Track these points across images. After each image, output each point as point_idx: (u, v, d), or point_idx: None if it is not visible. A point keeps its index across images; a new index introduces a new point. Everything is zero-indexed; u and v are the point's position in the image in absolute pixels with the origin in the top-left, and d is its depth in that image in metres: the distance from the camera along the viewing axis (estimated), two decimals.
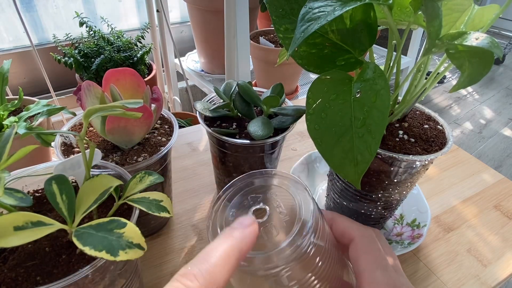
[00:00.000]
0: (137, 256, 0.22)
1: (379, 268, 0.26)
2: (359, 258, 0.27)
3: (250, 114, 0.42)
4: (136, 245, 0.22)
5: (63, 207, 0.24)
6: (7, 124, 0.50)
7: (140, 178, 0.29)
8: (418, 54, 1.45)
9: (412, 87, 0.35)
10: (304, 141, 0.65)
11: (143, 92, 0.38)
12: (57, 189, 0.25)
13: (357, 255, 0.28)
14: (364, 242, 0.28)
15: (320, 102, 0.28)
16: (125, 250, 0.21)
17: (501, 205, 0.53)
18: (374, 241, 0.29)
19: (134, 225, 0.23)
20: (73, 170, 0.29)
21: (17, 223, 0.21)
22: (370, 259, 0.27)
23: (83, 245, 0.21)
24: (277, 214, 0.26)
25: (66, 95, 1.25)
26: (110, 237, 0.22)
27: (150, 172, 0.30)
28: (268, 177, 0.29)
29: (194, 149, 0.62)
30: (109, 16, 1.21)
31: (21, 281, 0.23)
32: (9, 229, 0.20)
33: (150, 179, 0.29)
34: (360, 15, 0.30)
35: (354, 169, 0.27)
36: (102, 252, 0.21)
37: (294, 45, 0.26)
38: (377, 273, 0.26)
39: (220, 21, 0.98)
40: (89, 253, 0.21)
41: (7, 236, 0.20)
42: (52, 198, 0.24)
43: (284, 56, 0.41)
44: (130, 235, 0.23)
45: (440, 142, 0.35)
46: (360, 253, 0.27)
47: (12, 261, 0.25)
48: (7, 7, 1.11)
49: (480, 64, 0.25)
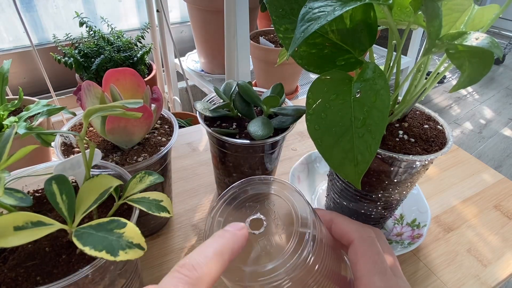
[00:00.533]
0: (137, 256, 0.22)
1: (377, 273, 0.26)
2: (357, 262, 0.27)
3: (250, 114, 0.42)
4: (136, 245, 0.22)
5: (63, 207, 0.24)
6: (7, 124, 0.50)
7: (140, 178, 0.29)
8: (418, 54, 1.45)
9: (412, 87, 0.35)
10: (304, 141, 0.65)
11: (143, 92, 0.38)
12: (57, 189, 0.25)
13: (356, 259, 0.27)
14: (363, 245, 0.28)
15: (320, 102, 0.28)
16: (125, 250, 0.21)
17: (501, 205, 0.53)
18: (373, 243, 0.28)
19: (134, 225, 0.23)
20: (73, 170, 0.29)
21: (17, 223, 0.21)
22: (369, 263, 0.27)
23: (83, 245, 0.21)
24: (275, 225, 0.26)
25: (66, 95, 1.25)
26: (110, 237, 0.22)
27: (150, 172, 0.30)
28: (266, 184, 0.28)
29: (194, 149, 0.62)
30: (109, 16, 1.21)
31: (21, 281, 0.23)
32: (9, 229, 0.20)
33: (150, 179, 0.29)
34: (360, 15, 0.30)
35: (354, 169, 0.27)
36: (102, 252, 0.21)
37: (294, 45, 0.26)
38: (375, 278, 0.26)
39: (220, 21, 0.98)
40: (89, 253, 0.21)
41: (7, 236, 0.20)
42: (52, 198, 0.24)
43: (284, 56, 0.41)
44: (130, 235, 0.23)
45: (440, 142, 0.35)
46: (359, 257, 0.27)
47: (12, 261, 0.25)
48: (7, 7, 1.11)
49: (480, 64, 0.25)
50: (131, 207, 0.29)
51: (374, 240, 0.29)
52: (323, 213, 0.32)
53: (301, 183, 0.51)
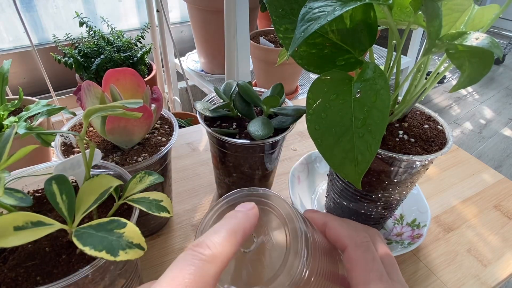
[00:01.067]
0: (137, 256, 0.22)
1: (372, 280, 0.25)
2: (352, 270, 0.27)
3: (250, 114, 0.42)
4: (136, 245, 0.22)
5: (63, 207, 0.24)
6: (7, 124, 0.50)
7: (140, 178, 0.29)
8: (418, 54, 1.45)
9: (412, 87, 0.35)
10: (304, 141, 0.65)
11: (143, 92, 0.38)
12: (57, 189, 0.25)
13: (350, 267, 0.27)
14: (356, 252, 0.27)
15: (320, 102, 0.28)
16: (125, 250, 0.21)
17: (501, 205, 0.53)
18: (367, 249, 0.28)
19: (134, 225, 0.23)
20: (73, 170, 0.29)
21: (17, 223, 0.21)
22: (363, 271, 0.26)
23: (83, 245, 0.21)
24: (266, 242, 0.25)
25: (66, 95, 1.25)
26: (110, 237, 0.22)
27: (150, 172, 0.30)
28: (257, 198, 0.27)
29: (194, 149, 0.62)
30: (109, 16, 1.21)
31: (21, 281, 0.23)
32: (9, 229, 0.20)
33: (150, 179, 0.29)
34: (360, 15, 0.30)
35: (354, 169, 0.27)
36: (102, 252, 0.21)
37: (294, 45, 0.26)
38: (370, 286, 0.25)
39: (220, 21, 0.98)
40: (89, 253, 0.21)
41: (7, 236, 0.20)
42: (52, 198, 0.24)
43: (284, 56, 0.41)
44: (130, 235, 0.23)
45: (440, 142, 0.35)
46: (353, 265, 0.27)
47: (12, 261, 0.25)
48: (7, 7, 1.11)
49: (480, 64, 0.25)
50: (131, 207, 0.29)
51: (369, 245, 0.28)
52: (317, 216, 0.31)
53: (301, 183, 0.51)
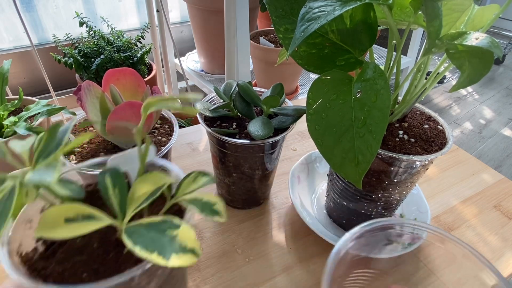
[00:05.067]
0: (190, 262, 0.19)
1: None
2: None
3: (250, 114, 0.42)
4: (191, 250, 0.20)
5: (115, 202, 0.23)
6: (7, 124, 0.50)
7: (194, 178, 0.27)
8: (418, 54, 1.45)
9: (412, 87, 0.35)
10: (304, 141, 0.65)
11: (143, 92, 0.38)
12: (111, 182, 0.23)
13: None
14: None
15: (321, 102, 0.28)
16: (178, 254, 0.19)
17: (501, 205, 0.53)
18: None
19: (190, 227, 0.21)
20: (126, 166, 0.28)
21: (69, 215, 0.20)
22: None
23: (134, 243, 0.19)
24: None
25: (66, 95, 1.25)
26: (163, 238, 0.20)
27: (203, 172, 0.28)
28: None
29: (194, 149, 0.62)
30: (109, 16, 1.21)
31: (67, 276, 0.22)
32: (60, 221, 0.19)
33: (203, 180, 0.27)
34: (360, 15, 0.30)
35: (355, 169, 0.27)
36: (153, 254, 0.19)
37: (294, 45, 0.26)
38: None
39: (220, 21, 0.98)
40: (139, 253, 0.19)
41: (58, 227, 0.19)
42: (105, 191, 0.23)
43: (284, 56, 0.41)
44: (184, 238, 0.21)
45: (440, 142, 0.35)
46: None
47: (60, 254, 0.24)
48: (7, 7, 1.11)
49: (480, 64, 0.25)
50: (180, 209, 0.28)
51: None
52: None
53: (301, 183, 0.51)
